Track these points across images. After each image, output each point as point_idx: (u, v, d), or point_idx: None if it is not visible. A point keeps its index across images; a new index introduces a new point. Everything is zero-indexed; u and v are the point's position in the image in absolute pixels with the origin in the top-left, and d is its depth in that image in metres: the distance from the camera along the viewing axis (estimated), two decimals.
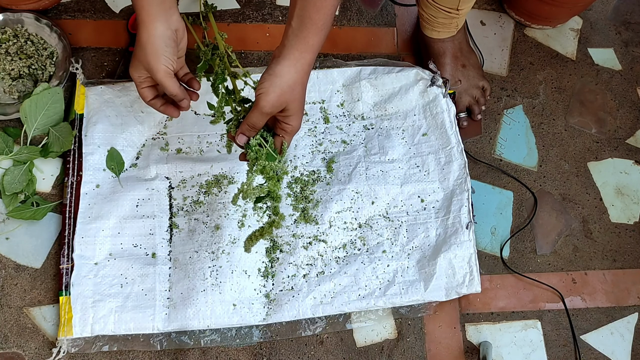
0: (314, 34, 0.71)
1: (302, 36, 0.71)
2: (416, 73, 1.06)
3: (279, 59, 0.72)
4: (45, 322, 0.91)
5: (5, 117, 0.98)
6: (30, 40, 1.03)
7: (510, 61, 1.17)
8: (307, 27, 0.70)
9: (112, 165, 0.97)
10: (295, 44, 0.71)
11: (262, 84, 0.71)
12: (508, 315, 0.98)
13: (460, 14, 1.00)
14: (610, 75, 1.18)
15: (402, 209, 0.99)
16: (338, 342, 0.94)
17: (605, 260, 1.04)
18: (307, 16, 0.70)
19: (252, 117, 0.73)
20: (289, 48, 0.71)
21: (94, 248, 0.92)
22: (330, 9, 0.71)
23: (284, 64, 0.71)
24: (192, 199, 0.97)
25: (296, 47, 0.71)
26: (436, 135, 1.03)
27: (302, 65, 0.72)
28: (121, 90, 1.02)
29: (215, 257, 0.92)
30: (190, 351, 0.91)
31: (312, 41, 0.71)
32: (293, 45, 0.71)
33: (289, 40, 0.71)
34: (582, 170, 1.10)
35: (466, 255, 0.95)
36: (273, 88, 0.71)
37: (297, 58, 0.71)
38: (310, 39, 0.71)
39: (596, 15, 1.23)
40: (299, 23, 0.70)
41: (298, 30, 0.70)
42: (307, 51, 0.71)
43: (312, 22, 0.70)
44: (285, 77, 0.71)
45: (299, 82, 0.73)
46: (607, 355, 0.98)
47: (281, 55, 0.71)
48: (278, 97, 0.71)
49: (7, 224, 0.95)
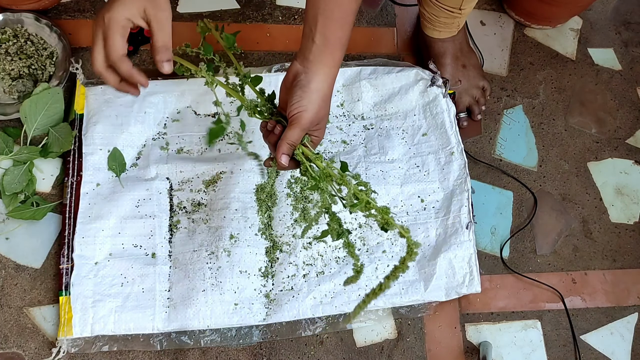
0: (339, 50, 0.72)
1: (328, 52, 0.71)
2: (416, 73, 1.06)
3: (310, 74, 0.71)
4: (45, 322, 0.91)
5: (5, 117, 0.98)
6: (30, 40, 1.03)
7: (510, 61, 1.17)
8: (332, 44, 0.70)
9: (113, 165, 0.97)
10: (322, 59, 0.71)
11: (301, 101, 0.70)
12: (508, 315, 0.98)
13: (463, 14, 1.00)
14: (610, 75, 1.18)
15: (402, 209, 0.99)
16: (338, 342, 0.94)
17: (605, 260, 1.04)
18: (332, 33, 0.70)
19: (294, 135, 0.71)
20: (318, 64, 0.71)
21: (94, 248, 0.92)
22: (352, 24, 0.72)
23: (317, 79, 0.71)
24: (193, 199, 0.97)
25: (324, 62, 0.71)
26: (436, 135, 1.03)
27: (331, 80, 0.72)
28: None
29: (215, 257, 0.92)
30: (190, 351, 0.91)
31: (339, 56, 0.72)
32: (321, 60, 0.71)
33: (315, 56, 0.71)
34: (582, 170, 1.10)
35: (466, 255, 0.95)
36: (312, 105, 0.70)
37: (327, 73, 0.71)
38: (337, 55, 0.72)
39: (596, 15, 1.23)
40: (323, 40, 0.70)
41: (324, 47, 0.70)
42: (334, 66, 0.72)
43: (337, 39, 0.71)
44: (320, 93, 0.71)
45: (330, 95, 0.73)
46: (607, 355, 0.98)
47: (311, 71, 0.71)
48: (316, 113, 0.71)
49: (7, 224, 0.95)
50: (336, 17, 0.70)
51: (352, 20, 0.72)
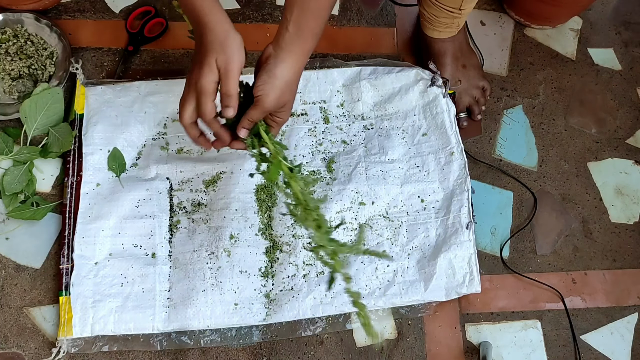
0: (310, 40, 0.76)
1: (300, 41, 0.75)
2: (416, 73, 1.06)
3: (277, 61, 0.75)
4: (45, 322, 0.91)
5: (5, 117, 0.98)
6: (30, 40, 1.03)
7: (510, 61, 1.17)
8: (304, 34, 0.74)
9: (113, 165, 0.97)
10: (293, 48, 0.75)
11: (263, 85, 0.75)
12: (508, 315, 0.98)
13: (463, 14, 1.00)
14: (610, 75, 1.18)
15: (402, 209, 0.99)
16: (338, 342, 0.94)
17: (605, 260, 1.04)
18: (305, 23, 0.74)
19: (254, 114, 0.77)
20: (287, 52, 0.75)
21: (94, 248, 0.92)
22: (326, 17, 0.76)
23: (283, 66, 0.75)
24: (193, 199, 0.97)
25: (294, 51, 0.75)
26: (436, 135, 1.03)
27: (298, 68, 0.77)
28: (121, 91, 1.02)
29: (215, 257, 0.92)
30: (190, 351, 0.91)
31: (309, 46, 0.76)
32: (291, 49, 0.75)
33: (287, 44, 0.75)
34: (582, 170, 1.10)
35: (466, 255, 0.95)
36: (274, 90, 0.75)
37: (294, 61, 0.76)
38: (307, 45, 0.76)
39: (596, 15, 1.23)
40: (296, 29, 0.74)
41: (296, 36, 0.74)
42: (303, 55, 0.76)
43: (309, 29, 0.75)
44: (284, 79, 0.75)
45: (295, 82, 0.78)
46: (607, 355, 0.98)
47: (279, 58, 0.75)
48: (278, 98, 0.76)
49: (7, 224, 0.95)
50: (311, 9, 0.74)
51: (326, 14, 0.76)
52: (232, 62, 0.73)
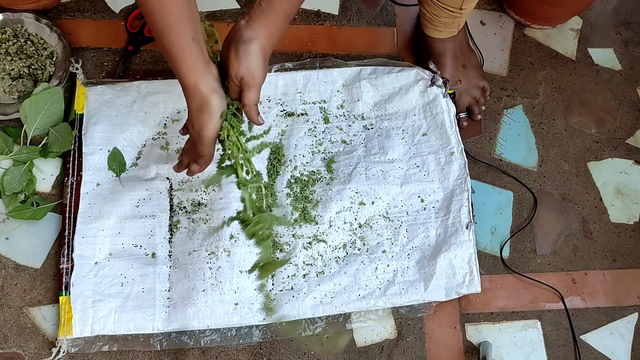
0: (282, 20, 0.77)
1: (271, 17, 0.76)
2: (416, 73, 1.06)
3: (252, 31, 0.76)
4: (45, 322, 0.91)
5: (5, 117, 0.98)
6: (30, 40, 1.03)
7: (510, 61, 1.17)
8: (275, 12, 0.76)
9: (113, 165, 0.97)
10: (264, 22, 0.76)
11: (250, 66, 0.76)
12: (508, 315, 0.98)
13: (463, 13, 1.00)
14: (610, 75, 1.18)
15: (402, 209, 0.99)
16: (338, 342, 0.94)
17: (605, 260, 1.04)
18: (277, 2, 0.76)
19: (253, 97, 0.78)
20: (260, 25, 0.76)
21: (94, 248, 0.92)
22: (298, 2, 0.78)
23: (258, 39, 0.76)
24: (193, 199, 0.97)
25: (266, 25, 0.76)
26: (436, 135, 1.03)
27: (272, 44, 0.78)
28: (121, 90, 1.02)
29: (215, 257, 0.92)
30: (190, 351, 0.91)
31: (281, 25, 0.78)
32: (263, 23, 0.77)
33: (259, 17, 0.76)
34: (582, 170, 1.10)
35: (466, 255, 0.95)
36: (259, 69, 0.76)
37: (268, 35, 0.77)
38: (279, 23, 0.77)
39: (596, 15, 1.23)
40: (268, 6, 0.76)
41: (267, 12, 0.76)
42: (275, 32, 0.78)
43: (281, 8, 0.77)
44: (262, 52, 0.76)
45: (269, 56, 0.78)
46: (607, 355, 0.98)
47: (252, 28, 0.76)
48: (263, 73, 0.77)
49: (7, 224, 0.95)
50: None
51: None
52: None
